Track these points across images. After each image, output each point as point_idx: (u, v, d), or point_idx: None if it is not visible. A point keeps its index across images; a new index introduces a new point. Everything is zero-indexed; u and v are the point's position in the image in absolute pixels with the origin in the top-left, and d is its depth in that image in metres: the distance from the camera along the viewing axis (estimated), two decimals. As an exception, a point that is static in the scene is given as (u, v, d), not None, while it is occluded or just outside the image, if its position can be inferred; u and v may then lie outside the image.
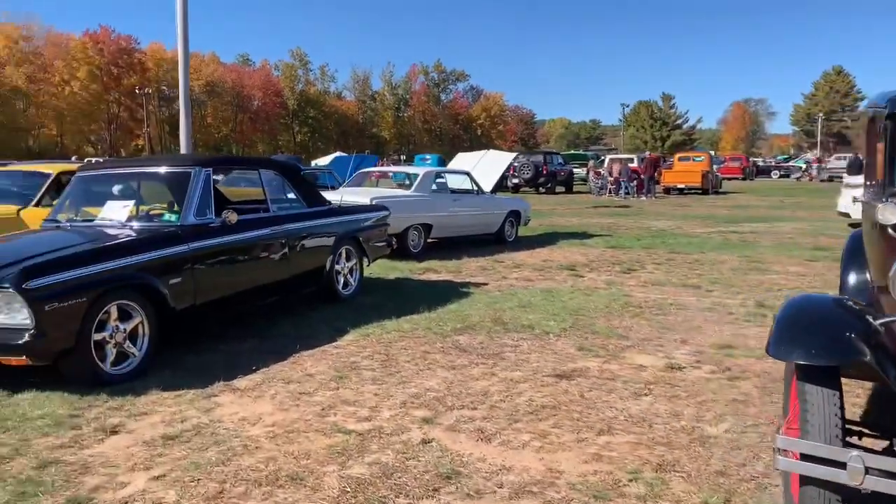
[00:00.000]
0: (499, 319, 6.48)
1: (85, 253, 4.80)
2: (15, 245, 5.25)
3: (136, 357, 4.97)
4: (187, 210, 5.56)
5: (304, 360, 5.35)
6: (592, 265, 10.25)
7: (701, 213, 19.90)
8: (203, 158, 5.85)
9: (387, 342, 5.78)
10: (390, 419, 4.13)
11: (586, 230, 15.62)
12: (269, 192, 6.50)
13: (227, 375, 4.96)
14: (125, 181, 6.11)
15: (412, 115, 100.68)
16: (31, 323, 4.34)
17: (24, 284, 4.29)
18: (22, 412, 4.29)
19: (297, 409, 4.32)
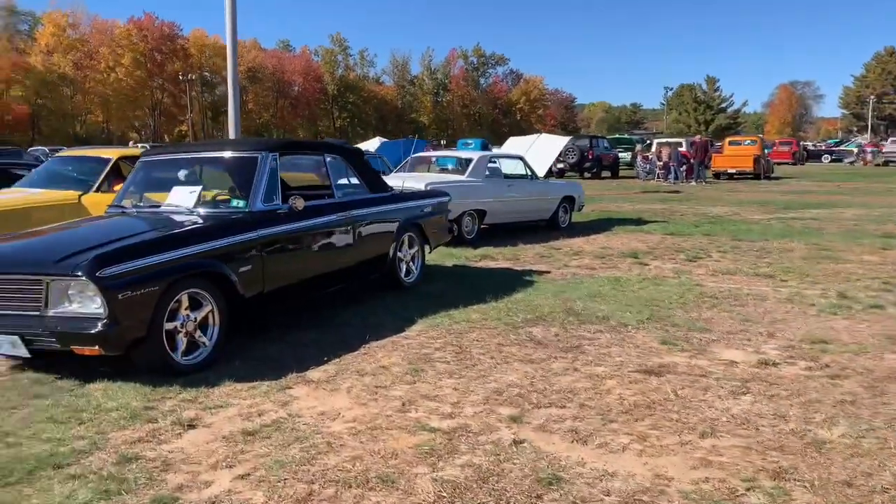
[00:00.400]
0: (571, 310, 6.23)
1: (157, 240, 4.68)
2: (84, 232, 5.15)
3: (207, 347, 4.85)
4: (255, 196, 5.41)
5: (374, 351, 5.18)
6: (654, 253, 9.92)
7: (756, 199, 19.31)
8: (269, 142, 5.70)
9: (457, 333, 5.58)
10: (475, 417, 3.92)
11: (640, 216, 15.23)
12: (333, 177, 6.32)
13: (299, 367, 4.81)
14: (190, 166, 5.98)
15: (451, 99, 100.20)
16: (104, 312, 4.23)
17: (98, 273, 4.17)
18: (96, 403, 4.19)
19: (375, 404, 4.14)
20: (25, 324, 4.40)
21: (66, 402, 4.24)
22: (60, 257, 4.29)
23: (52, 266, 4.24)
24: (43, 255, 4.46)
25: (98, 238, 4.71)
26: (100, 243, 4.53)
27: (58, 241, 4.91)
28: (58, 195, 7.40)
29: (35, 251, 4.65)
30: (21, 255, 4.56)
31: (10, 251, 4.60)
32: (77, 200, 7.40)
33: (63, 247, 4.59)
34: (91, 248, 4.44)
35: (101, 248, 4.44)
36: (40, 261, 4.34)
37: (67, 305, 4.33)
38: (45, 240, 4.96)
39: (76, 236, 4.97)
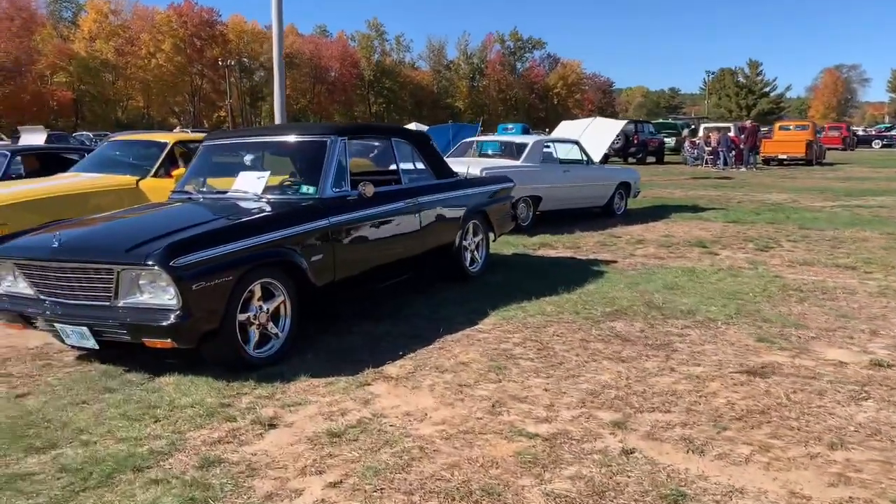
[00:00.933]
0: (651, 303, 5.90)
1: (229, 228, 4.46)
2: (153, 219, 4.96)
3: (279, 339, 4.63)
4: (325, 182, 5.16)
5: (450, 345, 4.92)
6: (721, 241, 9.51)
7: (813, 186, 18.64)
8: (338, 126, 5.44)
9: (534, 327, 5.29)
10: (574, 422, 3.64)
11: (695, 203, 14.77)
12: (400, 162, 6.05)
13: (375, 361, 4.57)
14: (256, 151, 5.76)
15: (487, 84, 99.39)
16: (177, 303, 4.02)
17: (171, 262, 3.95)
18: (169, 399, 3.99)
19: (462, 405, 3.88)
20: (94, 314, 4.22)
21: (137, 398, 4.05)
22: (131, 246, 4.08)
23: (122, 255, 4.04)
24: (113, 243, 4.27)
25: (168, 226, 4.51)
26: (170, 231, 4.32)
27: (126, 228, 4.72)
28: (115, 180, 7.25)
29: (104, 239, 4.46)
30: (90, 242, 4.37)
31: (78, 238, 4.41)
32: (135, 185, 7.24)
33: (133, 235, 4.40)
34: (162, 236, 4.23)
35: (173, 236, 4.23)
36: (110, 249, 4.15)
37: (138, 296, 4.14)
38: (113, 227, 4.77)
39: (145, 223, 4.78)
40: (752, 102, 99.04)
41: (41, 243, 4.43)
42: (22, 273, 4.49)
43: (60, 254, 4.21)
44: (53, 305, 4.39)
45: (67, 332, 4.36)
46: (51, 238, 4.33)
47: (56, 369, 4.68)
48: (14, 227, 6.15)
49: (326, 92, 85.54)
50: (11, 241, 4.66)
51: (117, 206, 6.85)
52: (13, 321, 4.67)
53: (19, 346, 5.21)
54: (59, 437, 3.56)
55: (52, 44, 62.96)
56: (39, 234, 4.72)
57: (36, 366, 4.76)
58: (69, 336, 4.38)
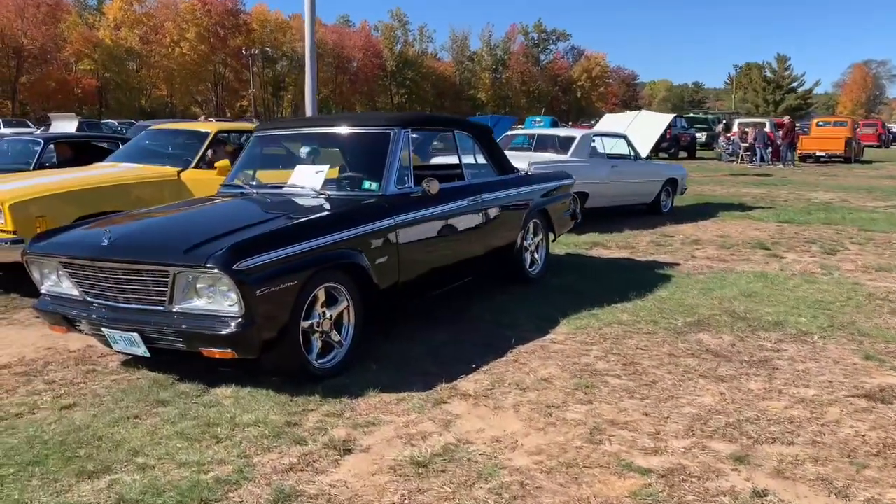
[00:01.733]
0: (733, 312, 5.47)
1: (293, 228, 4.07)
2: (207, 216, 4.60)
3: (342, 348, 4.26)
4: (388, 178, 4.77)
5: (525, 357, 4.52)
6: (782, 243, 9.02)
7: (859, 185, 18.01)
8: (400, 117, 5.04)
9: (613, 338, 4.88)
10: (687, 454, 3.23)
11: (741, 201, 14.26)
12: (463, 156, 5.65)
13: (446, 374, 4.19)
14: (312, 142, 5.38)
15: (510, 76, 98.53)
16: (239, 310, 3.65)
17: (234, 265, 3.58)
18: (230, 416, 3.62)
19: (555, 430, 3.48)
20: (147, 319, 3.87)
21: (194, 413, 3.69)
22: (189, 246, 3.71)
23: (180, 256, 3.67)
24: (169, 243, 3.90)
25: (226, 224, 4.14)
26: (230, 230, 3.95)
27: (181, 226, 4.36)
28: (156, 171, 6.90)
29: (159, 238, 4.09)
30: (143, 241, 4.01)
31: (130, 236, 4.06)
32: (176, 177, 6.89)
33: (189, 233, 4.04)
34: (221, 235, 3.86)
35: (234, 236, 3.86)
36: (166, 249, 3.78)
37: (195, 301, 3.77)
38: (167, 224, 4.41)
39: (200, 221, 4.42)
40: (780, 98, 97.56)
41: (90, 241, 4.08)
42: (67, 272, 4.14)
43: (111, 253, 3.86)
44: (101, 308, 4.04)
45: (115, 338, 4.02)
46: (100, 235, 3.98)
47: (101, 376, 4.33)
48: (53, 219, 5.85)
49: (349, 82, 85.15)
50: (56, 237, 4.32)
51: (158, 199, 6.53)
52: (56, 323, 4.34)
53: (59, 349, 4.88)
54: (113, 460, 3.20)
55: (77, 31, 63.04)
56: (86, 230, 4.38)
57: (79, 372, 4.41)
58: (117, 342, 4.04)
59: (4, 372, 4.45)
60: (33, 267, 4.35)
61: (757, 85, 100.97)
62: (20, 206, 5.82)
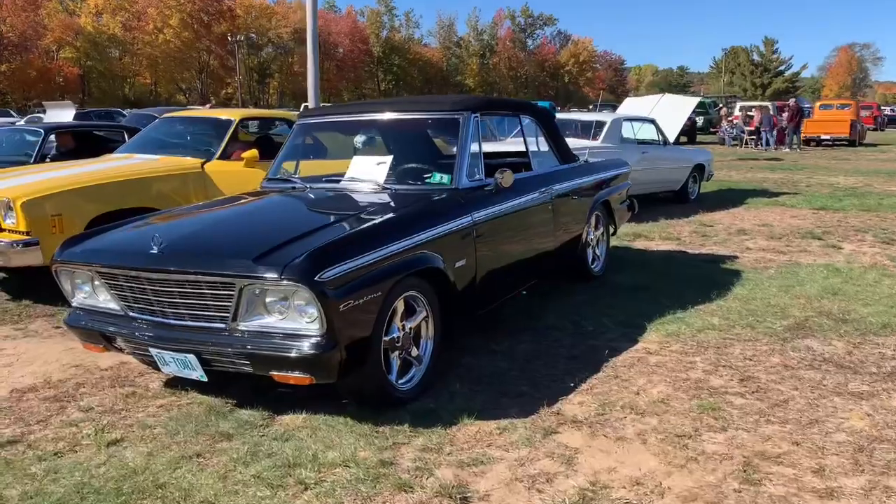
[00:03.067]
0: (828, 313, 4.98)
1: (371, 229, 3.50)
2: (265, 217, 4.02)
3: (421, 365, 3.72)
4: (460, 169, 4.22)
5: (625, 373, 4.00)
6: (833, 232, 8.55)
7: (875, 169, 17.61)
8: (467, 100, 4.47)
9: (713, 347, 4.37)
10: (869, 497, 2.72)
11: (762, 187, 13.83)
12: (530, 143, 5.10)
13: (542, 394, 3.68)
14: (368, 131, 4.80)
15: (497, 61, 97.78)
16: (319, 328, 3.10)
17: (317, 276, 3.02)
18: (311, 453, 3.08)
19: (700, 468, 2.96)
20: (206, 339, 3.30)
21: (267, 449, 3.15)
22: (259, 253, 3.15)
23: (249, 265, 3.11)
24: (233, 250, 3.33)
25: (290, 226, 3.59)
26: (298, 234, 3.39)
27: (241, 229, 3.78)
28: (178, 163, 6.30)
29: (219, 244, 3.51)
30: (202, 248, 3.42)
31: (185, 242, 3.48)
32: (200, 169, 6.29)
33: (253, 238, 3.49)
34: (291, 240, 3.30)
35: (305, 240, 3.30)
36: (231, 257, 3.21)
37: (265, 317, 3.22)
38: (222, 227, 3.82)
39: (260, 223, 3.85)
40: (768, 81, 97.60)
41: (135, 248, 3.50)
42: (106, 283, 3.57)
43: (163, 263, 3.28)
44: (148, 326, 3.48)
45: (166, 360, 3.45)
46: (147, 241, 3.40)
47: (145, 401, 3.77)
48: (70, 218, 5.27)
49: (335, 69, 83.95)
50: (91, 242, 3.73)
51: (182, 193, 5.97)
52: (92, 341, 3.77)
53: (89, 366, 4.31)
54: (186, 516, 2.66)
55: (58, 18, 61.54)
56: (127, 233, 3.80)
57: (118, 396, 3.85)
58: (167, 364, 3.47)
59: (31, 397, 3.88)
60: (63, 276, 3.77)
61: (745, 68, 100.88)
62: (34, 204, 5.22)
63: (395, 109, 4.65)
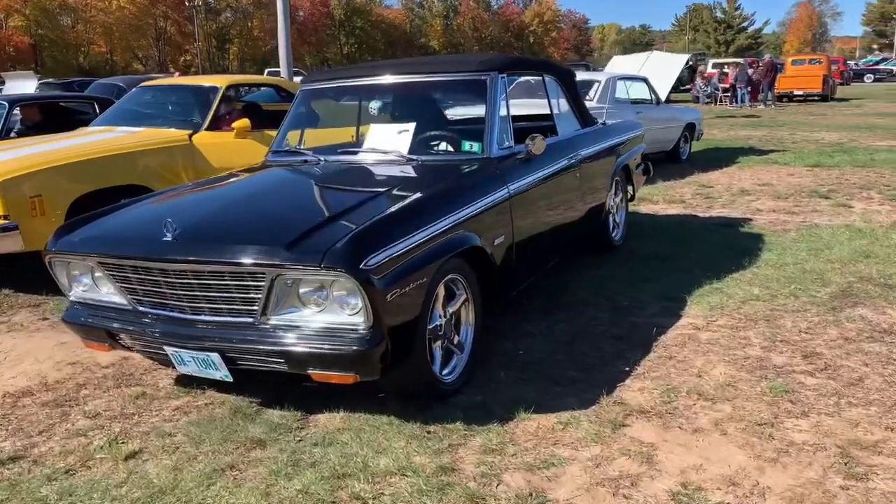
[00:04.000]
0: (868, 278, 4.75)
1: (411, 207, 3.13)
2: (286, 196, 3.61)
3: (462, 353, 3.40)
4: (490, 136, 3.85)
5: (678, 352, 3.71)
6: (837, 190, 8.36)
7: (854, 124, 17.51)
8: (492, 60, 4.07)
9: (762, 319, 4.11)
10: None
11: (748, 144, 13.68)
12: (554, 106, 4.73)
13: (596, 381, 3.40)
14: (383, 95, 4.39)
15: (461, 22, 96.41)
16: (364, 320, 2.74)
17: (363, 263, 2.66)
18: (360, 460, 2.75)
19: (795, 461, 2.69)
20: (231, 336, 2.93)
21: (308, 457, 2.81)
22: (292, 239, 2.77)
23: (281, 252, 2.73)
24: (261, 235, 2.94)
25: (318, 205, 3.24)
26: (331, 214, 3.02)
27: (263, 209, 3.36)
28: (163, 135, 5.81)
29: (243, 228, 3.09)
30: (224, 233, 3.02)
31: (204, 227, 3.06)
32: (188, 141, 5.82)
33: (281, 220, 3.10)
34: (324, 222, 2.93)
35: (339, 221, 2.93)
36: (260, 244, 2.82)
37: (300, 310, 2.85)
38: (241, 208, 3.38)
39: (283, 202, 3.44)
40: (731, 38, 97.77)
41: (144, 235, 3.09)
42: (110, 275, 3.16)
43: (180, 251, 2.88)
44: (161, 322, 3.09)
45: (184, 359, 3.07)
46: (156, 226, 2.99)
47: (158, 403, 3.40)
48: (52, 198, 4.83)
49: (296, 33, 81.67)
50: (90, 228, 3.30)
51: (171, 168, 5.52)
52: (95, 340, 3.37)
53: (87, 363, 3.92)
54: (234, 545, 2.32)
55: (4, -16, 58.98)
56: (128, 216, 3.39)
57: (126, 397, 3.47)
58: (185, 363, 3.09)
59: (28, 402, 3.49)
60: (58, 268, 3.35)
61: (708, 25, 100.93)
62: (11, 185, 4.74)
63: (413, 71, 4.22)
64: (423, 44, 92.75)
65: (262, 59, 77.18)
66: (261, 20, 77.88)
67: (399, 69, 4.26)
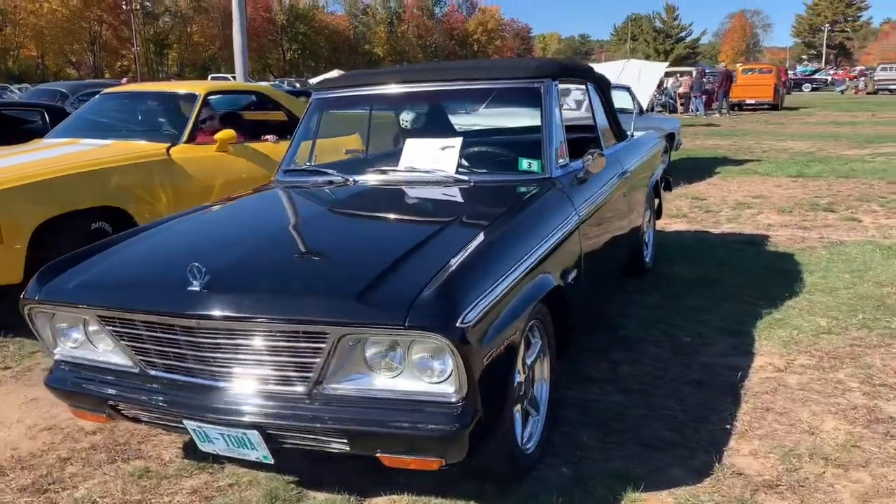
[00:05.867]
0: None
1: (492, 246, 2.54)
2: (327, 230, 2.95)
3: (538, 414, 2.84)
4: (549, 152, 3.32)
5: (776, 404, 3.22)
6: (835, 202, 8.13)
7: (817, 133, 17.62)
8: (542, 65, 3.53)
9: (847, 357, 3.68)
10: None
11: (722, 154, 13.59)
12: (597, 117, 4.23)
13: (695, 442, 2.87)
14: (417, 104, 3.81)
15: (406, 30, 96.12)
16: (456, 389, 2.17)
17: (460, 319, 2.09)
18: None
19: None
20: (275, 408, 2.31)
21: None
22: (362, 288, 2.18)
23: (353, 306, 2.13)
24: (321, 283, 2.33)
25: (374, 242, 2.63)
26: (397, 255, 2.41)
27: (307, 249, 2.71)
28: (139, 148, 5.09)
29: (296, 274, 2.45)
30: (273, 282, 2.38)
31: (243, 273, 2.42)
32: (166, 155, 5.12)
33: (338, 264, 2.49)
34: (393, 265, 2.33)
35: (412, 264, 2.34)
36: (324, 294, 2.22)
37: (368, 376, 2.26)
38: (277, 246, 2.71)
39: (327, 238, 2.80)
40: (670, 47, 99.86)
41: (161, 281, 2.46)
42: (112, 331, 2.51)
43: (215, 305, 2.26)
44: (181, 390, 2.45)
45: (209, 436, 2.44)
46: (178, 271, 2.35)
47: (168, 484, 2.75)
48: (12, 224, 4.17)
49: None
50: (79, 270, 2.64)
51: (147, 187, 4.87)
52: (86, 408, 2.71)
53: (67, 428, 3.25)
54: None
55: (-75, -15, 56.01)
56: (132, 255, 2.73)
57: (127, 477, 2.81)
58: (212, 441, 2.46)
59: (1, 486, 2.79)
60: (40, 320, 2.68)
61: (647, 35, 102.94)
62: (-37, 211, 3.99)
63: (454, 77, 3.62)
64: (367, 50, 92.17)
65: (202, 64, 75.26)
66: (201, 25, 76.02)
67: (434, 75, 3.67)
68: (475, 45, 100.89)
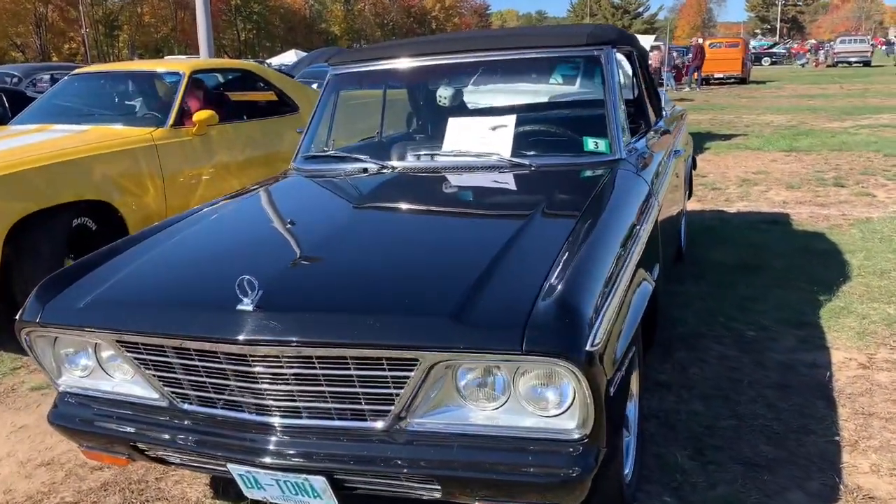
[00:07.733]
0: None
1: (595, 246, 2.12)
2: (392, 231, 2.48)
3: (630, 436, 2.45)
4: (616, 130, 2.91)
5: (877, 408, 2.90)
6: (841, 176, 7.91)
7: (793, 105, 17.53)
8: (603, 31, 3.12)
9: (927, 349, 3.36)
10: None
11: (705, 129, 13.31)
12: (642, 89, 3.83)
13: (804, 459, 2.54)
14: (455, 78, 3.35)
15: (363, 7, 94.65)
16: (578, 424, 1.77)
17: (589, 343, 1.68)
18: None
19: None
20: (346, 449, 1.89)
21: None
22: (457, 305, 1.76)
23: (451, 327, 1.72)
24: (404, 300, 1.89)
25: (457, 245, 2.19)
26: (487, 261, 1.98)
27: (372, 253, 2.24)
28: (121, 134, 4.55)
29: (366, 288, 2.00)
30: (343, 297, 1.93)
31: (307, 286, 1.98)
32: (150, 140, 4.59)
33: (417, 273, 2.06)
34: (486, 273, 1.91)
35: (511, 271, 1.93)
36: (411, 313, 1.80)
37: (462, 409, 1.85)
38: (336, 251, 2.22)
39: (391, 239, 2.34)
40: (628, 23, 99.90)
41: (200, 298, 2.00)
42: (134, 358, 2.05)
43: (275, 328, 1.81)
44: (223, 427, 2.01)
45: (260, 482, 2.00)
46: (223, 285, 1.90)
47: (203, 536, 2.30)
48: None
49: (191, 18, 77.97)
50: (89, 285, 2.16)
51: (135, 177, 4.37)
52: (101, 449, 2.25)
53: (67, 463, 2.78)
54: None
55: None
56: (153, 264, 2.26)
57: (149, 527, 2.36)
58: (262, 487, 2.02)
59: (-5, 543, 2.32)
60: (41, 345, 2.21)
61: (606, 11, 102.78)
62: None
63: (500, 46, 3.15)
64: (323, 29, 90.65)
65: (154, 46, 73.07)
66: (152, 5, 73.77)
67: (473, 44, 3.22)
68: (433, 22, 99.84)
